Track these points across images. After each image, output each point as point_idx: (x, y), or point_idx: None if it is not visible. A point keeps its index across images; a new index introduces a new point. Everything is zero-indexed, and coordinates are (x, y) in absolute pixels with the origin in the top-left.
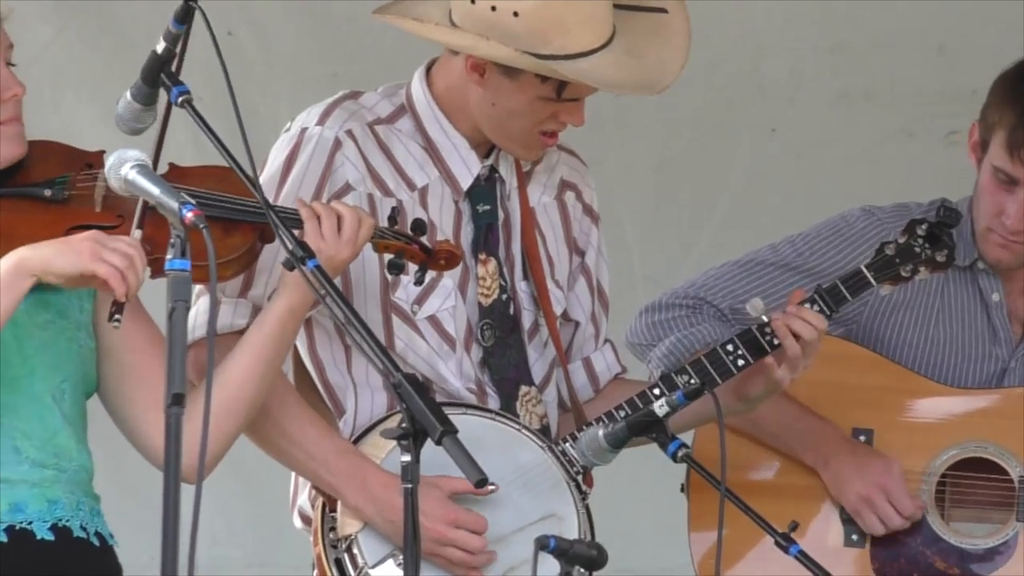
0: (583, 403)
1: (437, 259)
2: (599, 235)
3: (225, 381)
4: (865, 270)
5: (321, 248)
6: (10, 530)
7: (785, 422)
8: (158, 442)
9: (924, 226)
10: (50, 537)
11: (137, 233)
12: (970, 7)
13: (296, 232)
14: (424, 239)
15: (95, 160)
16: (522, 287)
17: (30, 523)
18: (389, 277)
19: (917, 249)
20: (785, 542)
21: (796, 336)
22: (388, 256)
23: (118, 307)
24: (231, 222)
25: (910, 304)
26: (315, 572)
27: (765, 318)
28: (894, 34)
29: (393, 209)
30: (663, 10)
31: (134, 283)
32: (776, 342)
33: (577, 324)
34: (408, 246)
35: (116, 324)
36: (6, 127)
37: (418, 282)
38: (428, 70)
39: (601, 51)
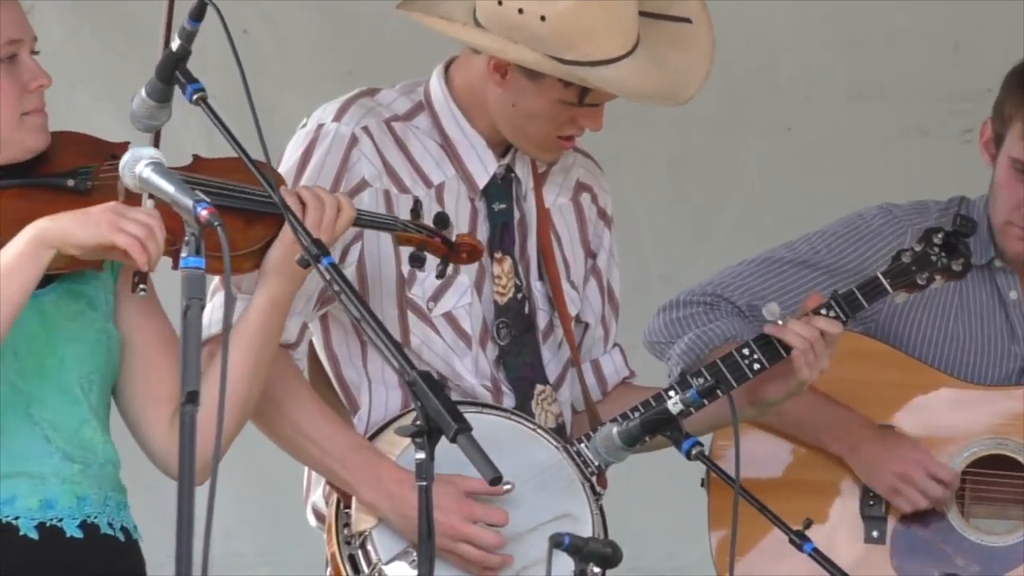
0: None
1: (459, 252)
2: (611, 239)
3: (214, 384)
4: (881, 277)
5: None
6: (40, 527)
7: (810, 411)
8: (158, 438)
9: (940, 235)
10: (79, 535)
11: (150, 203)
12: (985, 5)
13: None
14: (446, 232)
15: (119, 151)
16: (537, 287)
17: (60, 520)
18: (405, 273)
19: (933, 257)
20: (799, 539)
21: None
22: (409, 249)
23: (141, 276)
24: (253, 214)
25: (928, 302)
26: (328, 570)
27: (781, 322)
28: (908, 32)
29: (416, 201)
30: (688, 20)
31: (155, 252)
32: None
33: (587, 326)
34: (430, 239)
35: (142, 292)
36: (31, 117)
37: (440, 275)
38: (447, 68)
39: (625, 59)
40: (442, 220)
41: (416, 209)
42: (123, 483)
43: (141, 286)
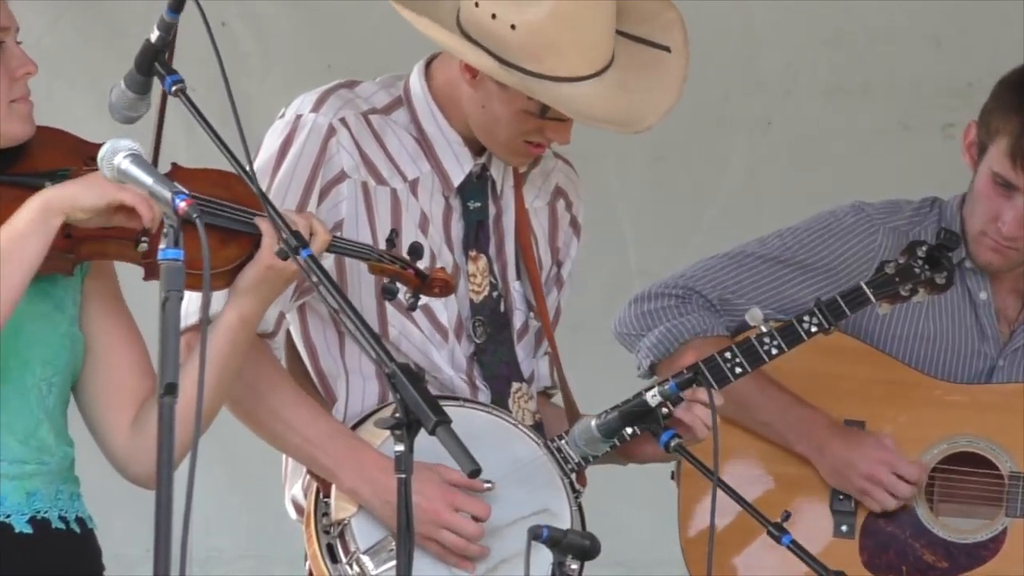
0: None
1: (432, 286)
2: (576, 250)
3: (187, 379)
4: (865, 287)
5: (274, 264)
6: None
7: (776, 411)
8: (118, 442)
9: (924, 248)
10: (28, 530)
11: None
12: (966, 1)
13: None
14: (420, 264)
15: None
16: (516, 287)
17: (8, 516)
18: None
19: (916, 270)
20: (778, 532)
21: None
22: (383, 280)
23: (143, 231)
24: (229, 232)
25: None
26: (308, 563)
27: (764, 328)
28: (891, 27)
29: (392, 232)
30: (667, 49)
31: (158, 211)
32: (775, 352)
33: None
34: (404, 271)
35: (144, 245)
36: (19, 104)
37: (411, 307)
38: (428, 64)
39: (591, 79)
40: (416, 251)
41: (392, 239)
42: (76, 475)
43: (144, 239)
